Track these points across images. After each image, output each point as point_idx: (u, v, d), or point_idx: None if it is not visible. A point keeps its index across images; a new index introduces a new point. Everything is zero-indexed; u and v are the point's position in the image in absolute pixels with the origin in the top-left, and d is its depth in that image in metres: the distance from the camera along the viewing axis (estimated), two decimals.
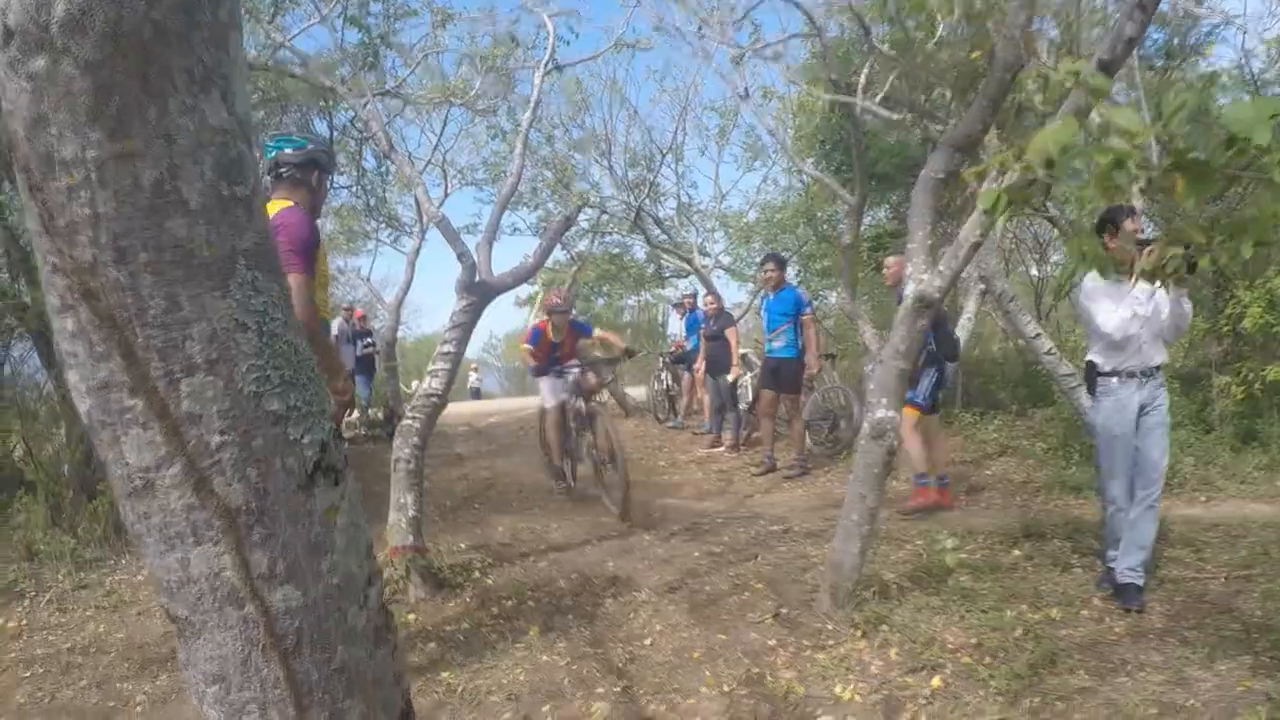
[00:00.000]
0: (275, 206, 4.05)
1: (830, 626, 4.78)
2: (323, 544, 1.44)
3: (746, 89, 12.72)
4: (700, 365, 12.70)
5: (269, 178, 4.25)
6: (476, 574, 6.13)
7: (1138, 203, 6.95)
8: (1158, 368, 5.08)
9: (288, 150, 4.27)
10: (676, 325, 15.84)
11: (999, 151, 3.51)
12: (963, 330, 9.93)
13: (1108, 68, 4.16)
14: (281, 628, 1.39)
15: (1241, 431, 8.78)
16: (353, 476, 1.58)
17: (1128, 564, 4.99)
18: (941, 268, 4.74)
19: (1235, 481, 7.76)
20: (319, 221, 4.45)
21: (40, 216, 1.20)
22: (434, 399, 6.11)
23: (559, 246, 19.16)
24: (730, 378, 11.74)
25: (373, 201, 14.85)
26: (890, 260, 8.39)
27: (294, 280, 3.71)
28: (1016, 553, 5.97)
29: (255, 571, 1.36)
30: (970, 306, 10.12)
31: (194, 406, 1.29)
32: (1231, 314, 8.89)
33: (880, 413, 4.85)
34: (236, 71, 1.31)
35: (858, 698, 3.98)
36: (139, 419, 1.28)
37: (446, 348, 6.34)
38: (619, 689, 4.22)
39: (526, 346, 9.19)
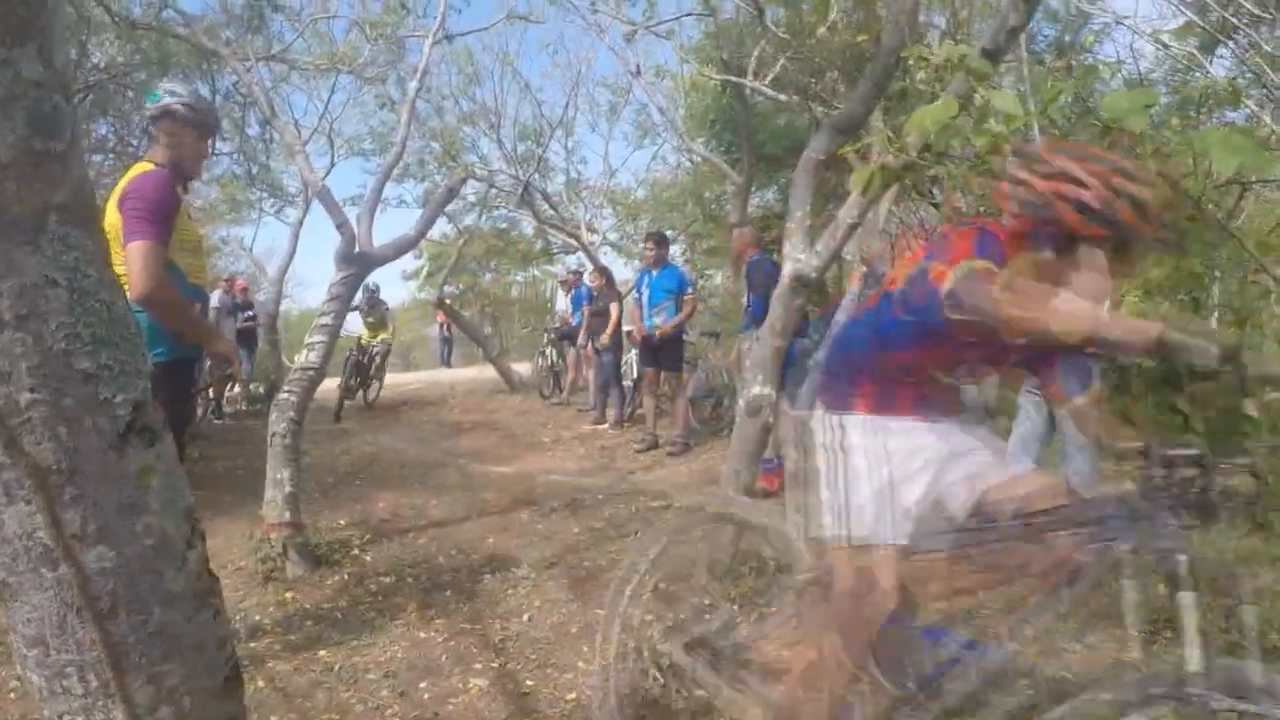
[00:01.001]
0: (136, 169, 3.89)
1: (708, 601, 4.83)
2: (136, 504, 1.42)
3: (639, 66, 12.78)
4: (583, 338, 12.70)
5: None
6: (355, 551, 6.05)
7: None
8: None
9: (148, 104, 4.08)
10: (563, 301, 15.79)
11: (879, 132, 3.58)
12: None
13: (992, 56, 4.26)
14: (96, 589, 1.37)
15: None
16: (170, 438, 1.55)
17: None
18: (819, 248, 4.81)
19: None
20: (197, 183, 4.29)
21: None
22: (311, 372, 5.99)
23: (446, 220, 19.01)
24: (599, 342, 11.72)
25: (255, 169, 14.45)
26: (735, 234, 8.56)
27: (138, 247, 3.57)
28: None
29: (68, 531, 1.34)
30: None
31: (2, 363, 1.28)
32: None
33: (756, 389, 4.93)
34: (55, 23, 1.29)
35: None
36: None
37: (324, 320, 6.23)
38: (496, 665, 4.21)
39: None
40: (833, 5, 8.85)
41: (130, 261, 3.51)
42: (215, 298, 13.27)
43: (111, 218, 3.65)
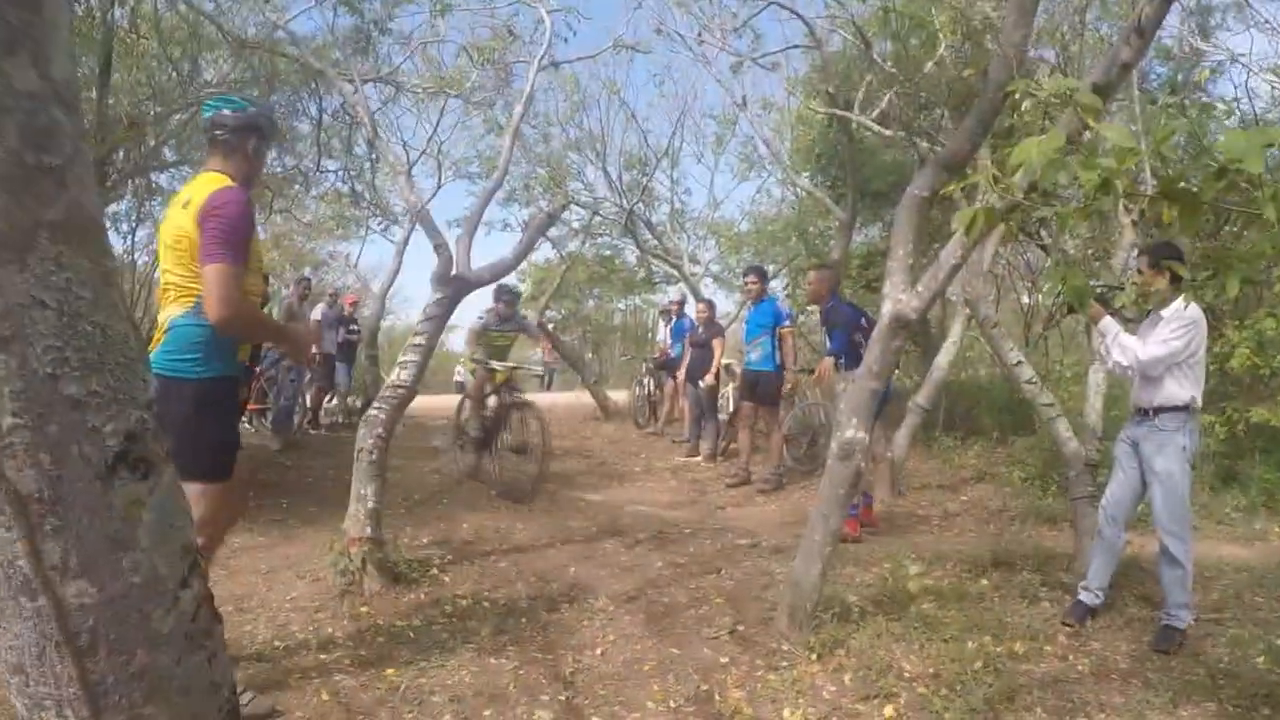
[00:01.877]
0: (212, 183, 3.79)
1: (785, 647, 4.70)
2: (123, 539, 1.36)
3: (744, 97, 12.71)
4: (682, 372, 12.62)
5: (205, 139, 4.08)
6: (434, 570, 6.04)
7: (1129, 235, 6.91)
8: (1148, 410, 5.09)
9: (225, 112, 3.98)
10: (663, 331, 15.79)
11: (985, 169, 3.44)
12: (945, 354, 9.89)
13: (1102, 91, 4.10)
14: (75, 624, 1.32)
15: (1222, 472, 8.76)
16: (172, 470, 1.47)
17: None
18: (920, 288, 4.67)
19: (1212, 522, 7.72)
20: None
21: None
22: (402, 390, 6.03)
23: (550, 245, 19.17)
24: (703, 384, 11.68)
25: (359, 188, 14.73)
26: (812, 275, 8.43)
27: (219, 272, 3.53)
28: (984, 582, 5.87)
29: (47, 563, 1.29)
30: (955, 330, 10.06)
31: None
32: (1219, 353, 8.81)
33: (849, 433, 4.78)
34: (53, 34, 1.24)
35: None
36: None
37: (418, 339, 6.27)
38: (564, 698, 4.14)
39: None
40: (941, 40, 8.68)
41: (208, 285, 3.52)
42: (318, 310, 13.55)
43: (182, 224, 3.64)
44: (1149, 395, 5.06)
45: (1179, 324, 4.84)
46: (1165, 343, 4.88)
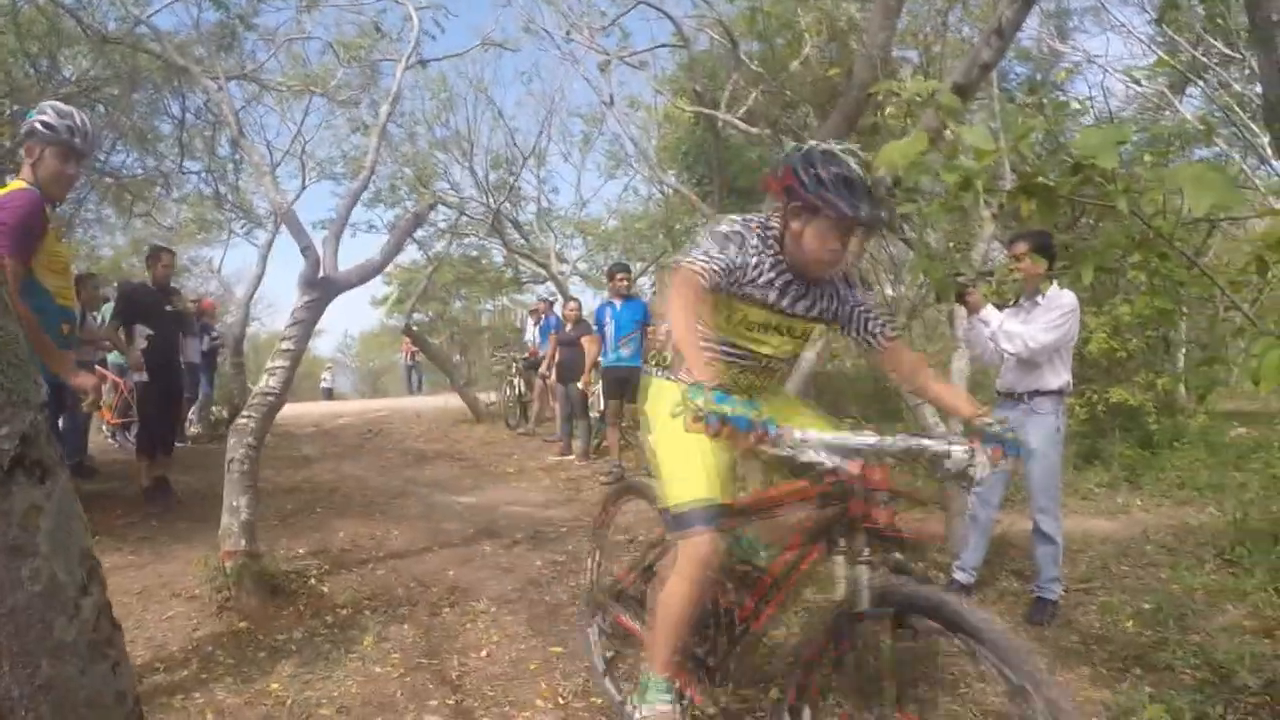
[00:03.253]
0: (11, 186, 4.01)
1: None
2: (22, 547, 1.32)
3: (612, 96, 12.75)
4: (551, 372, 12.62)
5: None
6: (313, 580, 5.93)
7: (989, 228, 7.18)
8: (1021, 394, 5.27)
9: (29, 119, 4.17)
10: (531, 331, 15.78)
11: None
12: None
13: (963, 91, 4.26)
14: None
15: (1085, 450, 9.22)
16: (66, 474, 1.45)
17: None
18: None
19: (1077, 498, 8.12)
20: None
21: None
22: (270, 397, 5.90)
23: (416, 246, 18.95)
24: (580, 385, 11.71)
25: (224, 190, 14.35)
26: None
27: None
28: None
29: None
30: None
31: None
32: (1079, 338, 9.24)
33: None
34: None
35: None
36: None
37: (286, 345, 6.14)
38: (452, 701, 4.13)
39: None
40: (807, 39, 8.87)
41: None
42: None
43: None
44: (1024, 380, 5.24)
45: (1060, 311, 5.04)
46: (1055, 328, 5.04)
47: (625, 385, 9.94)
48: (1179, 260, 3.40)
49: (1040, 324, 5.07)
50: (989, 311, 5.29)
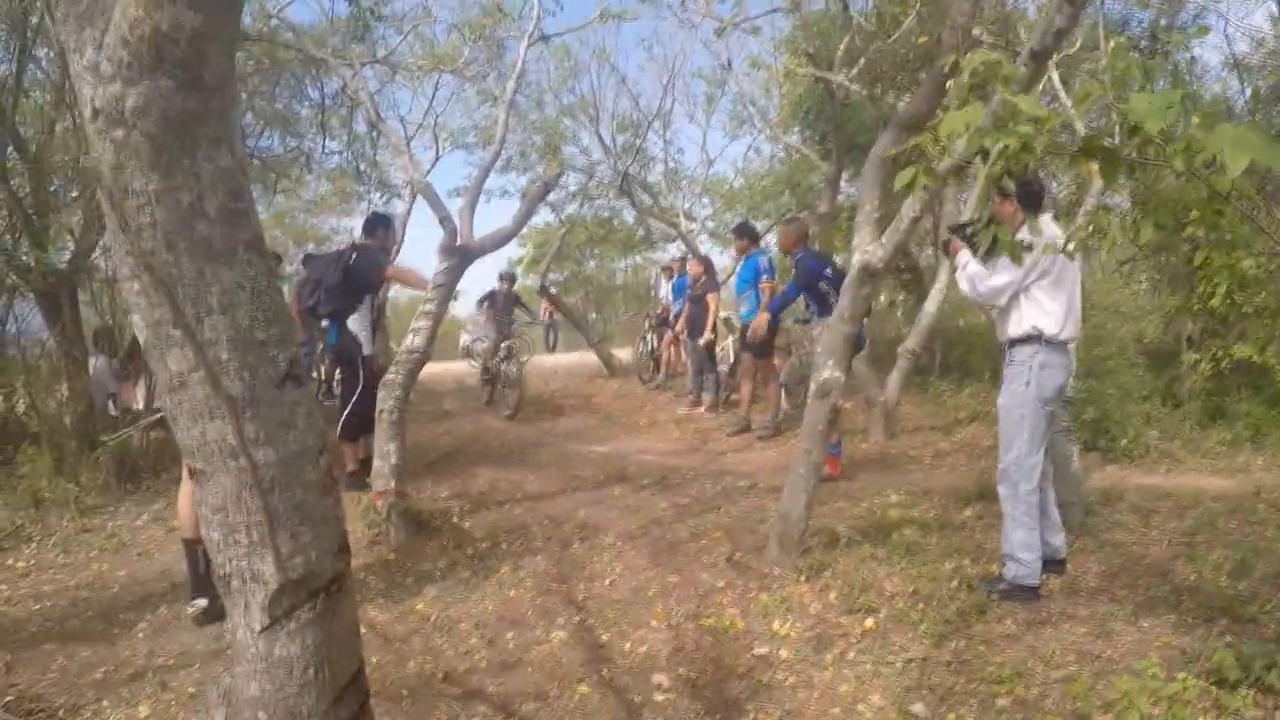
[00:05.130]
0: None
1: (777, 571, 5.13)
2: (289, 423, 2.06)
3: (729, 60, 12.97)
4: (681, 327, 12.95)
5: None
6: (455, 518, 6.48)
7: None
8: (1004, 343, 5.05)
9: None
10: (665, 289, 16.09)
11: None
12: (933, 300, 10.19)
13: (1039, 56, 4.48)
14: (262, 475, 2.01)
15: (1209, 408, 9.02)
16: (312, 385, 2.18)
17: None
18: (884, 239, 5.05)
19: (1197, 455, 7.98)
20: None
21: (119, 222, 1.86)
22: (415, 355, 6.42)
23: (549, 210, 19.47)
24: (701, 341, 12.01)
25: (363, 166, 15.08)
26: (785, 229, 8.71)
27: None
28: (968, 512, 6.27)
29: (247, 437, 1.98)
30: (942, 277, 10.36)
31: (212, 334, 1.95)
32: (1203, 292, 9.00)
33: (826, 373, 5.21)
34: (235, 132, 1.98)
35: (793, 634, 4.36)
36: (178, 342, 1.93)
37: (428, 307, 6.64)
38: (577, 620, 4.63)
39: None
40: (913, 1, 8.96)
41: None
42: None
43: None
44: (1002, 328, 5.02)
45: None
46: (1003, 270, 4.78)
47: (745, 340, 10.18)
48: (1236, 216, 3.55)
49: (996, 266, 4.80)
50: (962, 255, 5.12)
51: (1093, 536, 5.64)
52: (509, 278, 14.70)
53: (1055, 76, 7.73)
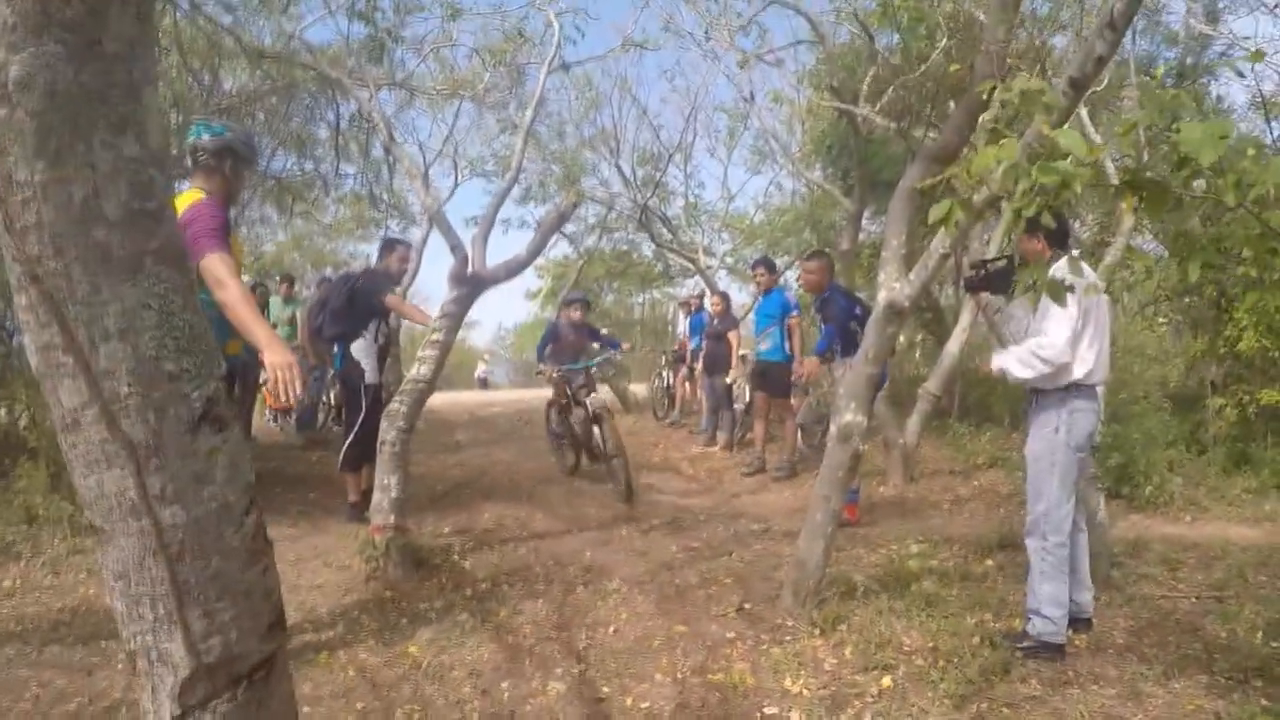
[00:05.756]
0: (186, 199, 4.32)
1: (790, 623, 4.89)
2: (205, 476, 1.77)
3: (752, 93, 12.86)
4: (698, 364, 12.76)
5: (189, 162, 4.50)
6: (456, 556, 6.29)
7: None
8: (1031, 392, 4.77)
9: (205, 137, 4.53)
10: (683, 324, 15.99)
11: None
12: (955, 341, 10.00)
13: (1078, 85, 4.29)
14: (169, 539, 1.73)
15: (1234, 454, 8.79)
16: (239, 427, 1.92)
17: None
18: (911, 276, 4.85)
19: (1222, 503, 7.78)
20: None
21: (2, 220, 1.57)
22: (421, 385, 6.24)
23: (567, 241, 19.39)
24: (728, 379, 11.85)
25: (378, 190, 15.02)
26: (809, 265, 8.45)
27: (216, 259, 4.06)
28: (989, 563, 6.05)
29: (151, 492, 1.70)
30: (964, 318, 10.17)
31: (109, 364, 1.65)
32: (1229, 336, 8.87)
33: (848, 416, 4.97)
34: (150, 116, 1.69)
35: (806, 692, 4.10)
36: (70, 372, 1.65)
37: (435, 336, 6.46)
38: (577, 671, 4.38)
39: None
40: (940, 33, 8.84)
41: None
42: None
43: None
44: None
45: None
46: (1055, 322, 4.43)
47: (765, 379, 10.04)
48: None
49: (1049, 321, 4.44)
50: (985, 296, 5.02)
51: (1119, 590, 5.42)
52: (580, 303, 10.24)
53: (1084, 111, 7.56)
